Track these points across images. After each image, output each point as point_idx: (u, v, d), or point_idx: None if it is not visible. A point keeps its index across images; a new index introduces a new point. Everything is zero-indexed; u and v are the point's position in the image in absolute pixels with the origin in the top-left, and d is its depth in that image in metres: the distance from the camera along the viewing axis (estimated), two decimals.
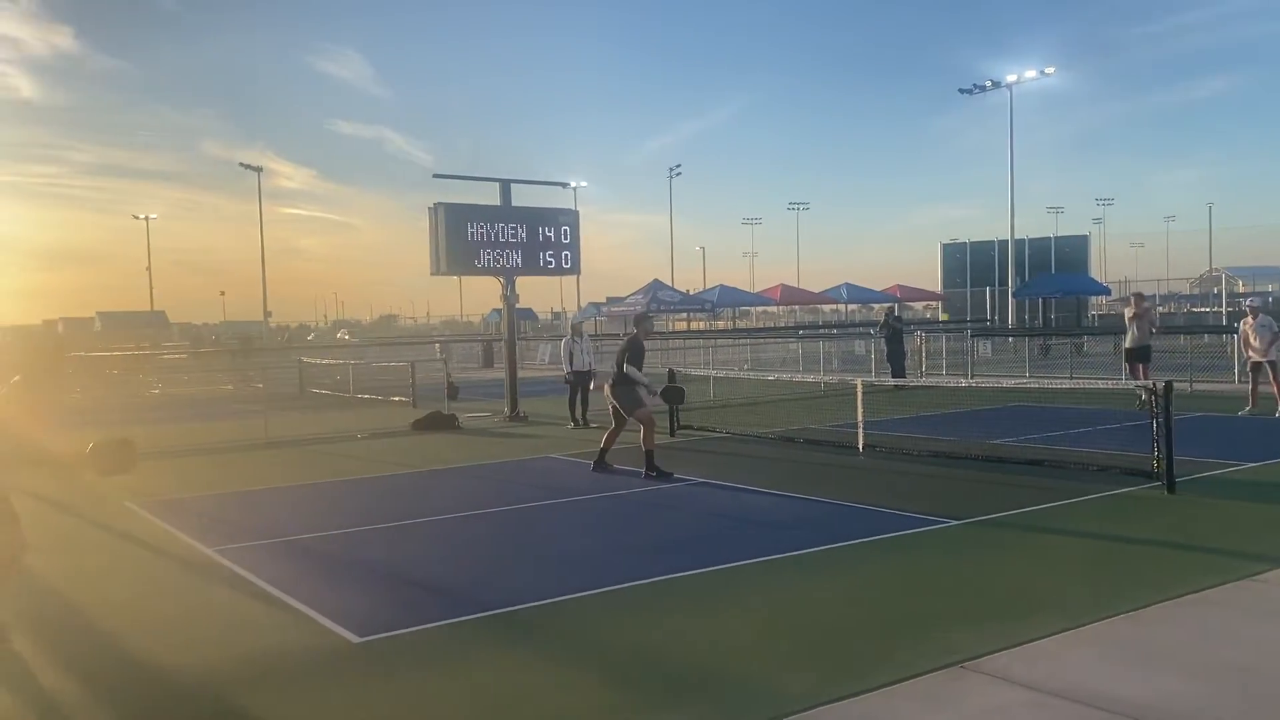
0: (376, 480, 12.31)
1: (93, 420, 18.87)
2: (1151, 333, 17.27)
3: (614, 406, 11.92)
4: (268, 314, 65.92)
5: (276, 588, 7.08)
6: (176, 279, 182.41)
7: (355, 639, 5.90)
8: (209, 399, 25.85)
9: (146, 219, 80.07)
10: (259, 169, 62.71)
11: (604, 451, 12.10)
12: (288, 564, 7.95)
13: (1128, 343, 17.21)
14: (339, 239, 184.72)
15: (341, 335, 68.83)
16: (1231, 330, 21.30)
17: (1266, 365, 15.85)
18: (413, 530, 9.25)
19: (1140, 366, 16.91)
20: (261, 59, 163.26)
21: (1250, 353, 16.23)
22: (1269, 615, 5.86)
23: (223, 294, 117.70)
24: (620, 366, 11.72)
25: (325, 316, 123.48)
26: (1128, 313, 17.55)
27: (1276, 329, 15.92)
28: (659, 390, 12.79)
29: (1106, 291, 49.93)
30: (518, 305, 19.78)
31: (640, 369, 11.77)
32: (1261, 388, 15.98)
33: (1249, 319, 16.24)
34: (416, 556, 8.24)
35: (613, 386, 11.88)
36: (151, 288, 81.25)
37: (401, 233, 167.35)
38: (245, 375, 30.13)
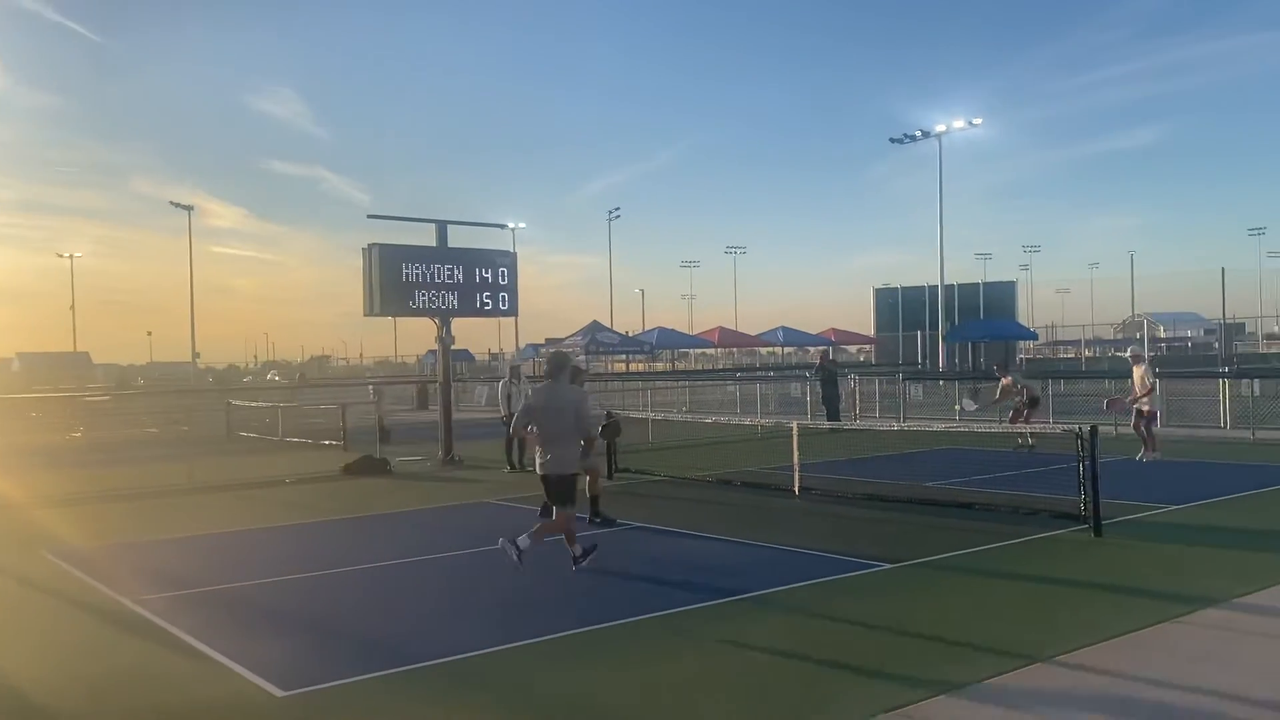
0: (304, 527, 12.00)
1: (31, 463, 18.26)
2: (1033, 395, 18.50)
3: None
4: (196, 355, 64.58)
5: (198, 639, 6.83)
6: (103, 319, 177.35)
7: (280, 693, 5.71)
8: (133, 442, 25.06)
9: (71, 257, 78.23)
10: (190, 207, 62.04)
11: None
12: (210, 615, 7.68)
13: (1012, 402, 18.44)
14: (271, 279, 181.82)
15: (271, 376, 67.50)
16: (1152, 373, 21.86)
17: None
18: (341, 579, 9.01)
19: (1028, 412, 18.04)
20: (194, 96, 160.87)
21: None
22: (1197, 658, 5.96)
23: (149, 334, 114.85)
24: None
25: (255, 357, 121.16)
26: (1004, 385, 18.71)
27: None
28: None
29: (1034, 336, 51.27)
30: (454, 346, 19.59)
31: None
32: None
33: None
34: (345, 607, 8.03)
35: None
36: (75, 328, 79.20)
37: (335, 273, 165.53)
38: (171, 418, 29.32)
